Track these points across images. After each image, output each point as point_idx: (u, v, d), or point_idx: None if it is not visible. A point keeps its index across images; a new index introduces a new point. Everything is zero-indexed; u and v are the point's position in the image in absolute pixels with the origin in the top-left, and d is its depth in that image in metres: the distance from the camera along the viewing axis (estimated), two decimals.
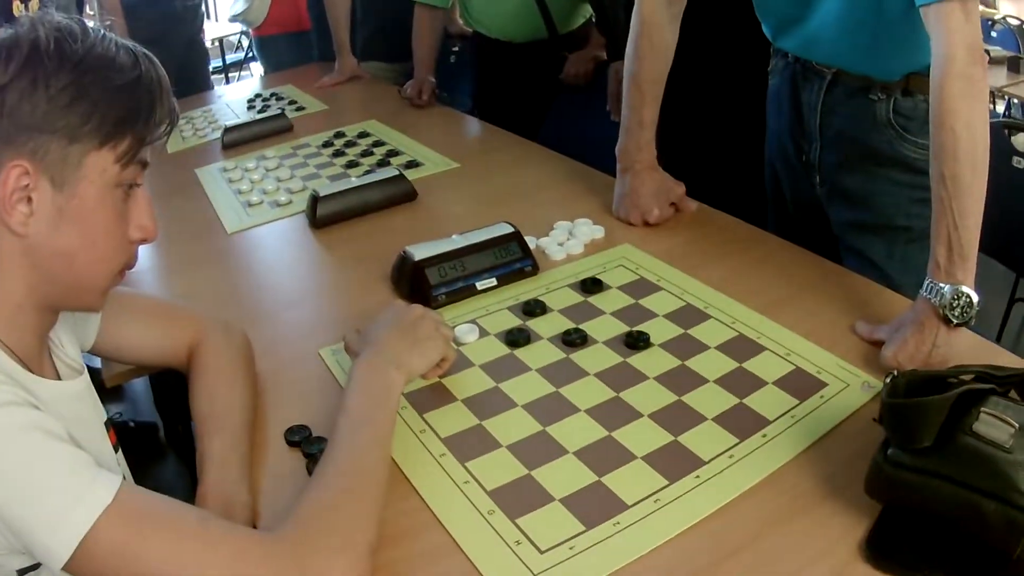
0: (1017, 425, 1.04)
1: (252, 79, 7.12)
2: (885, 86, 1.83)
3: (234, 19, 4.68)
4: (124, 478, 1.01)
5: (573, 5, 3.34)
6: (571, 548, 1.10)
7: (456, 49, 3.95)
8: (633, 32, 2.00)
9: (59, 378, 1.19)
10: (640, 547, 1.10)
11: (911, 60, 1.75)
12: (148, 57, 1.12)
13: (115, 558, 0.96)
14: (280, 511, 1.13)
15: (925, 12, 1.48)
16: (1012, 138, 2.97)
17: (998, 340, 3.35)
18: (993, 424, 1.05)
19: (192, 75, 4.24)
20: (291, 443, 1.35)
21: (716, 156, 2.65)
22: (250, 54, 8.37)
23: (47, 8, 1.09)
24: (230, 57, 8.64)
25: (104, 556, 0.95)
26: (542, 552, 1.10)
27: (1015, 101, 5.88)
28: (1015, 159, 2.65)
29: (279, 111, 3.14)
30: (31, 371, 1.10)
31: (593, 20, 3.40)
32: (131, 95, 1.08)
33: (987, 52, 4.88)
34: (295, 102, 3.39)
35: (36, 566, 1.04)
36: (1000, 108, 6.15)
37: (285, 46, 4.44)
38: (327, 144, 2.81)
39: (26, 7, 2.78)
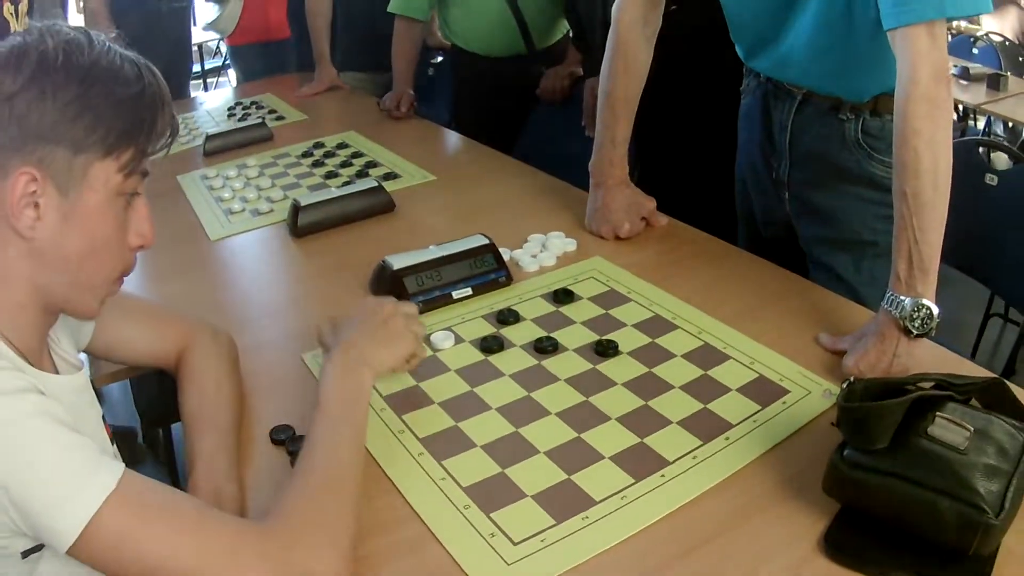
0: (972, 429, 1.11)
1: (231, 86, 7.12)
2: (854, 107, 1.89)
3: (207, 28, 4.75)
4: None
5: (551, 21, 3.40)
6: (542, 540, 1.16)
7: (434, 62, 3.99)
8: (609, 51, 2.05)
9: (58, 373, 1.23)
10: (608, 540, 1.16)
11: (879, 81, 1.80)
12: (151, 70, 1.15)
13: (117, 542, 1.00)
14: (266, 504, 1.17)
15: (892, 35, 1.54)
16: (992, 154, 3.02)
17: (973, 354, 3.42)
18: (948, 428, 1.12)
19: (174, 79, 4.30)
20: (276, 441, 1.40)
21: (688, 172, 2.70)
22: (227, 61, 8.41)
23: (54, 19, 1.12)
24: (208, 63, 8.66)
25: (107, 540, 0.99)
26: (515, 544, 1.16)
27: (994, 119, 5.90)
28: (988, 176, 2.68)
29: (259, 120, 3.17)
30: (32, 366, 1.13)
31: (570, 36, 3.45)
32: (135, 107, 1.12)
33: (967, 69, 4.90)
34: (275, 111, 3.42)
35: (40, 547, 1.08)
36: (980, 125, 6.16)
37: (256, 55, 4.51)
38: (307, 154, 2.84)
39: (16, 9, 2.80)
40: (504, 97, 3.44)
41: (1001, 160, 2.83)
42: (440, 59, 4.03)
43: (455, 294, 1.80)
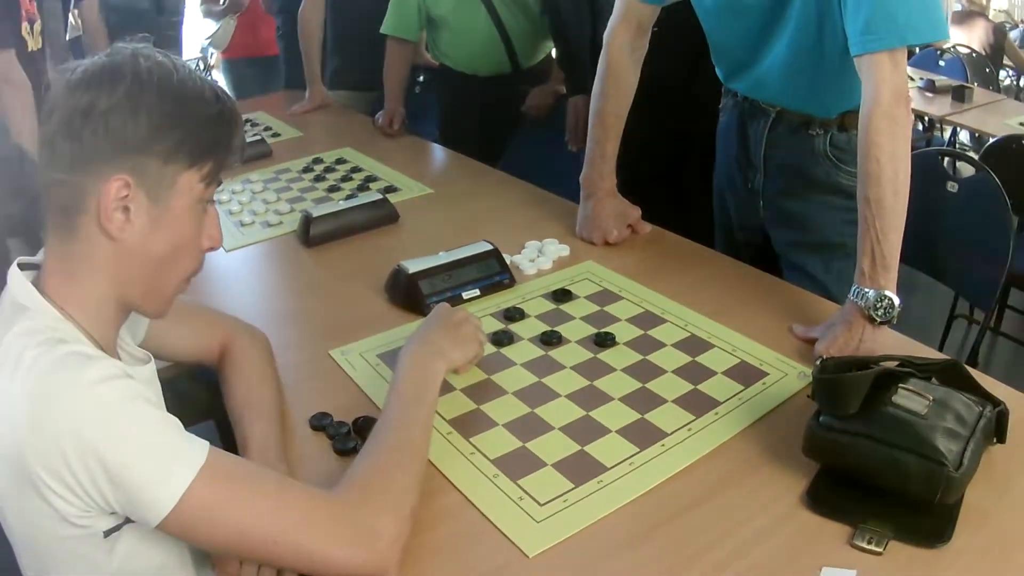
0: (932, 398, 1.31)
1: None
2: (823, 123, 2.08)
3: (205, 41, 4.95)
4: None
5: (535, 42, 3.54)
6: (564, 501, 1.34)
7: (419, 80, 4.08)
8: (600, 74, 2.23)
9: None
10: (620, 499, 1.35)
11: (846, 100, 1.97)
12: (225, 92, 1.26)
13: (206, 512, 1.11)
14: (309, 482, 1.32)
15: (858, 60, 1.73)
16: (957, 162, 3.15)
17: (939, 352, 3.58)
18: (910, 397, 1.32)
19: None
20: (315, 427, 1.55)
21: (670, 183, 2.87)
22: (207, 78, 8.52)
23: (55, 34, 1.22)
24: None
25: (197, 510, 1.10)
26: (541, 504, 1.33)
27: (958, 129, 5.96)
28: (949, 184, 2.83)
29: (258, 137, 3.26)
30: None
31: (554, 56, 3.60)
32: (216, 125, 1.23)
33: (932, 82, 5.02)
34: (270, 128, 3.52)
35: (120, 527, 1.16)
36: (946, 135, 6.28)
37: (246, 68, 4.70)
38: (307, 169, 2.97)
39: (32, 28, 2.91)
40: (490, 114, 3.56)
41: (967, 168, 2.98)
42: (421, 79, 4.11)
43: (465, 295, 1.96)
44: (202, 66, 8.65)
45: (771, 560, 1.23)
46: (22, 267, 1.25)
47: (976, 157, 3.45)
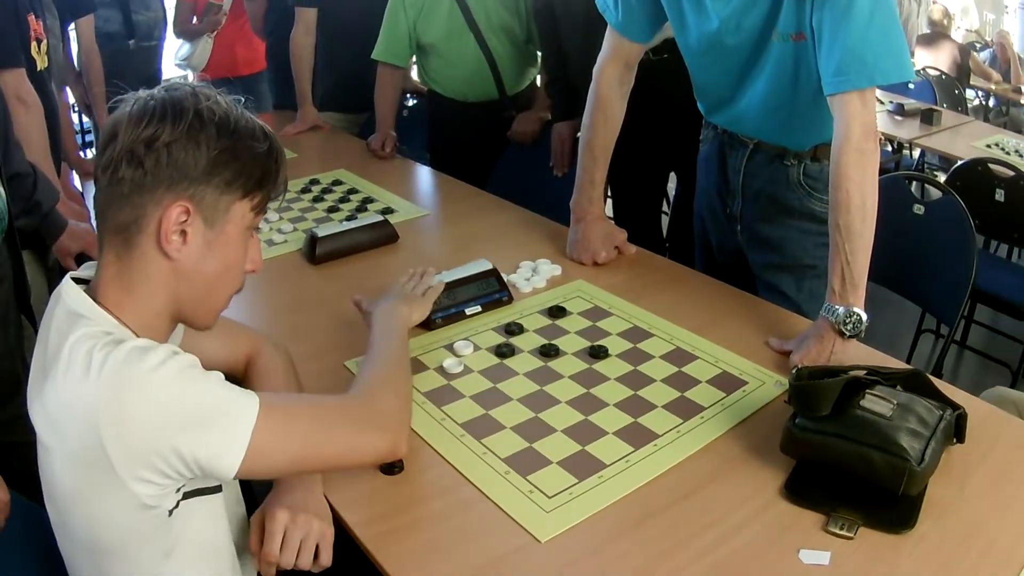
0: (896, 403, 1.48)
1: None
2: (797, 154, 2.23)
3: (180, 64, 5.02)
4: None
5: (521, 70, 3.67)
6: (570, 494, 1.50)
7: (407, 104, 4.22)
8: (589, 106, 2.39)
9: None
10: (619, 492, 1.51)
11: (819, 134, 2.13)
12: (272, 131, 1.37)
13: (270, 445, 1.27)
14: (336, 479, 1.51)
15: (831, 99, 1.89)
16: (925, 186, 3.24)
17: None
18: (877, 402, 1.49)
19: None
20: None
21: (653, 208, 3.01)
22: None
23: (55, 51, 1.26)
24: None
25: (263, 446, 1.26)
26: (550, 497, 1.49)
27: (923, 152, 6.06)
28: (916, 207, 2.97)
29: None
30: None
31: (539, 83, 3.73)
32: (266, 160, 1.33)
33: (902, 106, 5.19)
34: None
35: (178, 504, 1.29)
36: (915, 154, 6.39)
37: (225, 89, 4.79)
38: (305, 190, 3.08)
39: (39, 47, 2.96)
40: (477, 138, 3.67)
41: (935, 191, 3.09)
42: (414, 102, 4.26)
43: (468, 311, 2.11)
44: None
45: (754, 544, 1.39)
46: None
47: (943, 179, 3.56)
